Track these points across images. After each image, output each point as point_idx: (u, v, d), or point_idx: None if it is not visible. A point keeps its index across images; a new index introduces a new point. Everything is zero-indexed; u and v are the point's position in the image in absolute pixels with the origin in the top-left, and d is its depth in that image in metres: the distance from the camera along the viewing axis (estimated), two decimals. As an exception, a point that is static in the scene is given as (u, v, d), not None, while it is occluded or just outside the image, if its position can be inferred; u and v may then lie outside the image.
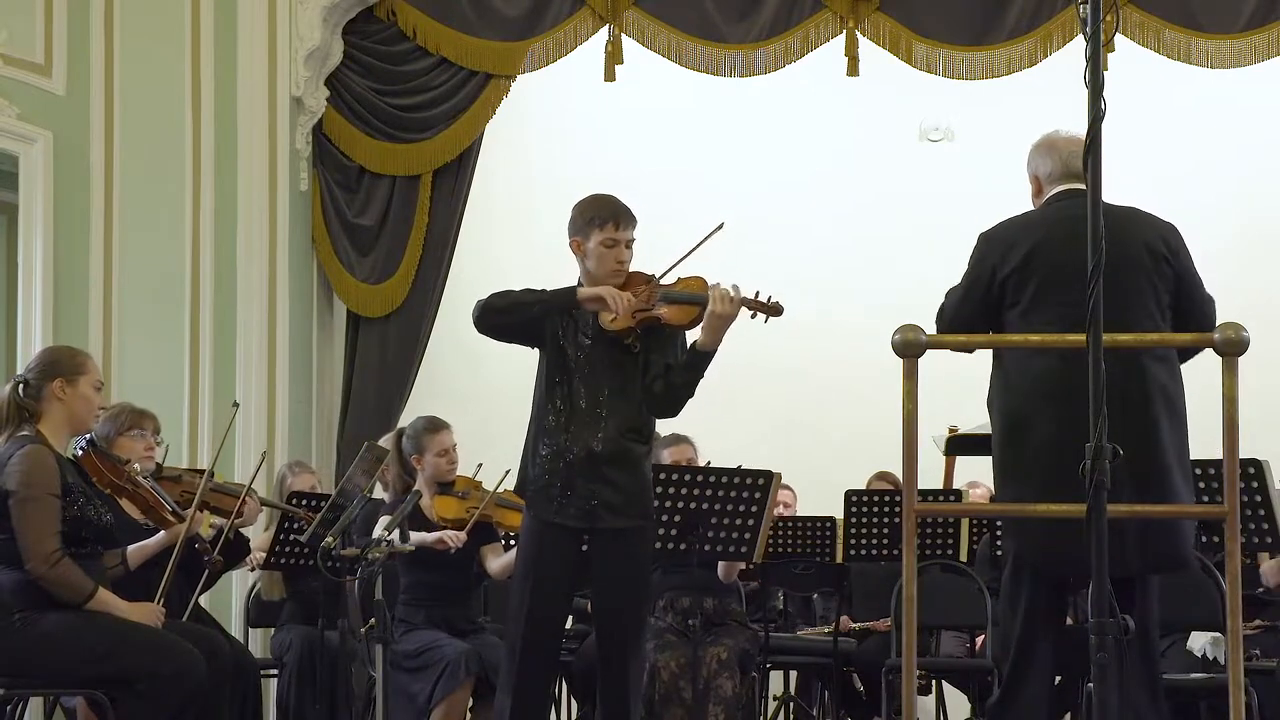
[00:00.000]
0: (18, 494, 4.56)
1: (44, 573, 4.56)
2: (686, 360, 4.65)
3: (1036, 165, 4.41)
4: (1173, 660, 5.79)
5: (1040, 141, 4.42)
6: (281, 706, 6.34)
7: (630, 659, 4.70)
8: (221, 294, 7.73)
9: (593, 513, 4.65)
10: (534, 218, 8.85)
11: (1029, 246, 4.19)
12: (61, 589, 4.61)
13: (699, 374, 4.66)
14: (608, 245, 4.69)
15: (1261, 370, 4.50)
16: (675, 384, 4.67)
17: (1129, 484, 3.87)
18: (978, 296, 4.25)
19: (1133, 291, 4.16)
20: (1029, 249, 4.19)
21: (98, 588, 4.67)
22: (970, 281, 4.29)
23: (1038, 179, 4.42)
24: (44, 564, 4.55)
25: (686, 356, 4.66)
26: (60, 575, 4.58)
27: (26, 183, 7.53)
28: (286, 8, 7.80)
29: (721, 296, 4.55)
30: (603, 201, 4.76)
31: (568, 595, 4.84)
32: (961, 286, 4.32)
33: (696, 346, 4.62)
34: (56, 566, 4.57)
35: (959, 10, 7.72)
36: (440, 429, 6.02)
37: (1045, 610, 4.21)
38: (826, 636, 6.79)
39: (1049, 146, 4.39)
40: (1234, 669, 3.11)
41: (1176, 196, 7.20)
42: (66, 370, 4.79)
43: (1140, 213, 4.32)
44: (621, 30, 7.77)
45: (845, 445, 8.30)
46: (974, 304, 4.26)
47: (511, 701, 4.67)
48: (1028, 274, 4.17)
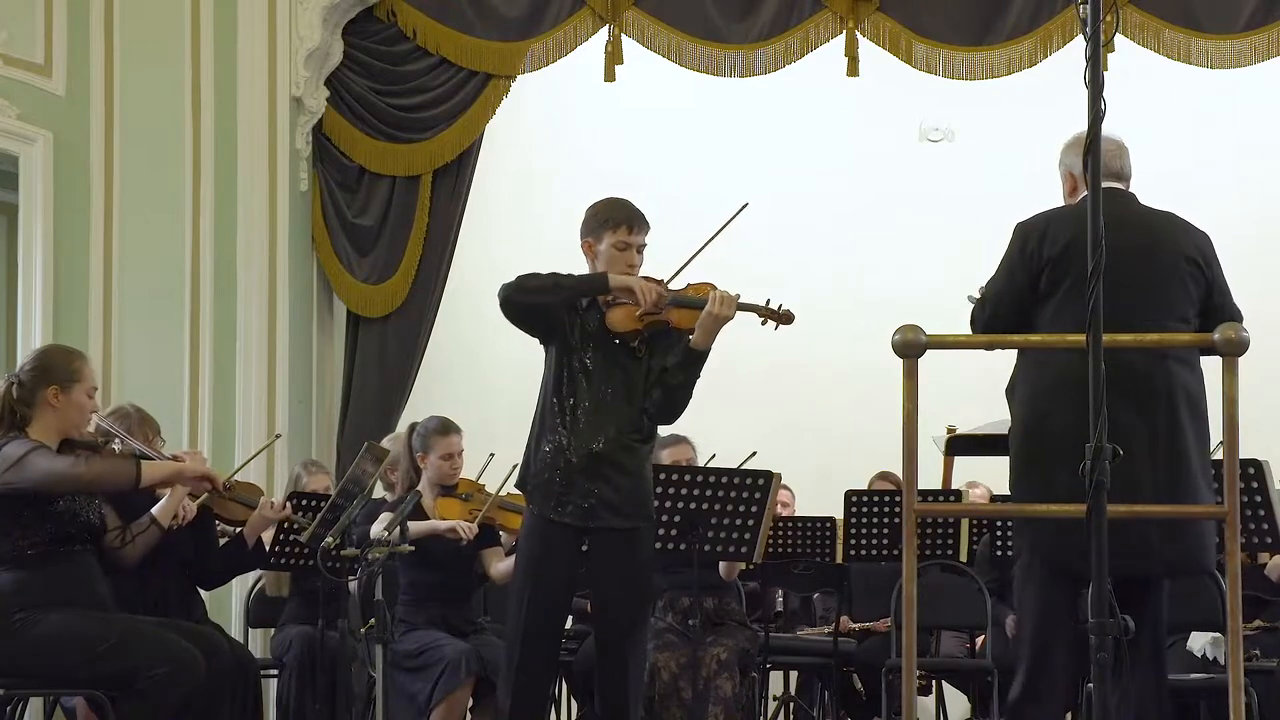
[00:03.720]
0: (13, 460, 4.55)
1: (83, 477, 4.60)
2: (679, 360, 4.65)
3: (1071, 163, 4.41)
4: (1173, 660, 5.79)
5: (1074, 139, 4.40)
6: (281, 706, 6.33)
7: (630, 660, 4.70)
8: (221, 294, 7.73)
9: (592, 512, 4.65)
10: (534, 218, 8.85)
11: (1068, 239, 4.18)
12: (109, 481, 4.66)
13: (693, 374, 4.66)
14: (619, 248, 4.69)
15: (1261, 370, 4.50)
16: (670, 385, 4.67)
17: (1148, 485, 3.88)
18: (1022, 284, 4.23)
19: (1166, 296, 4.17)
20: (1068, 241, 4.18)
21: (139, 462, 4.74)
22: (1010, 268, 4.27)
23: (1072, 176, 4.42)
24: (76, 474, 4.59)
25: (679, 356, 4.65)
26: (97, 470, 4.62)
27: (26, 183, 7.52)
28: (286, 8, 7.79)
29: (721, 299, 4.56)
30: (617, 204, 4.77)
31: (568, 593, 4.84)
32: (1001, 273, 4.29)
33: (689, 345, 4.63)
34: (88, 465, 4.61)
35: (959, 10, 7.72)
36: (449, 432, 6.01)
37: (1060, 603, 4.18)
38: (826, 636, 6.79)
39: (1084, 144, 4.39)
40: (1234, 669, 3.11)
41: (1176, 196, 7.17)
42: (61, 377, 4.76)
43: (1177, 218, 4.34)
44: (621, 30, 7.77)
45: (845, 445, 8.30)
46: (1019, 291, 4.23)
47: (511, 699, 4.67)
48: (1065, 266, 4.17)
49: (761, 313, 4.65)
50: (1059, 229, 4.23)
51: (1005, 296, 4.27)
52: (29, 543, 4.64)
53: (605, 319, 4.68)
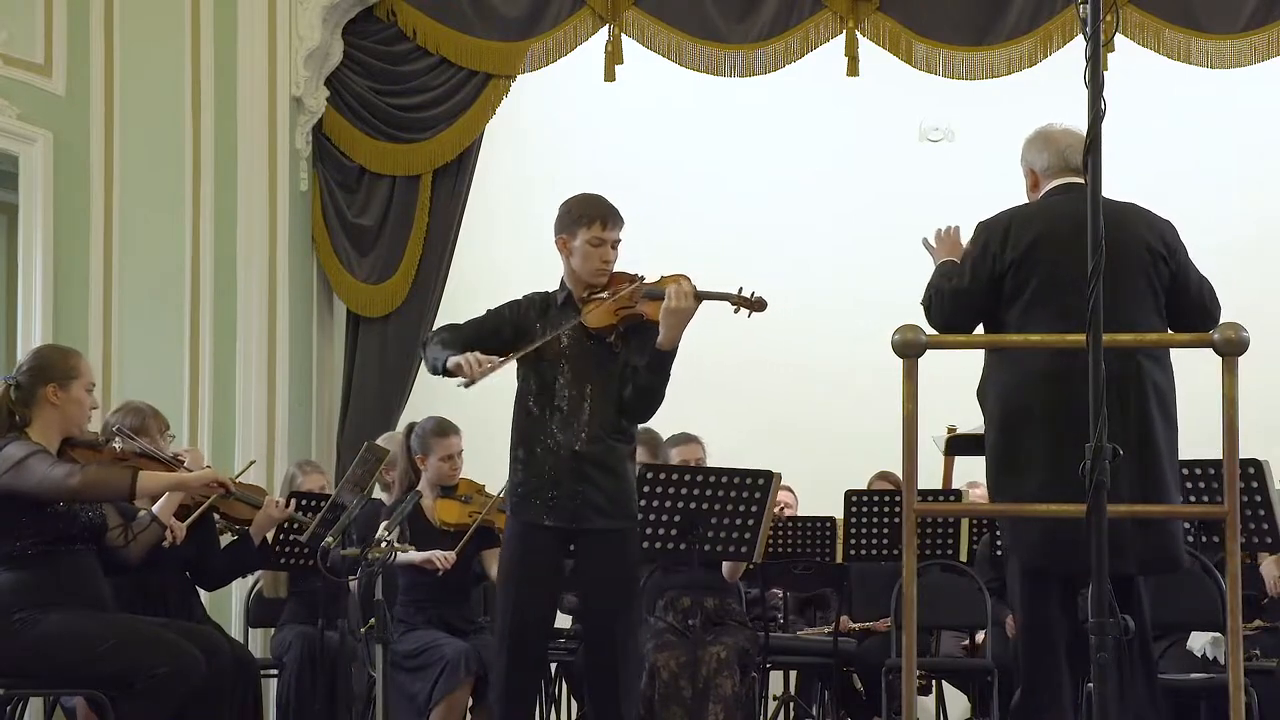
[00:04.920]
0: (13, 462, 4.54)
1: (74, 490, 4.56)
2: (648, 361, 4.63)
3: (1032, 159, 4.40)
4: (1173, 660, 5.79)
5: (1035, 135, 4.40)
6: (281, 706, 6.33)
7: (620, 662, 4.68)
8: (221, 294, 7.73)
9: (578, 514, 4.64)
10: (534, 218, 8.78)
11: (1031, 238, 4.17)
12: (101, 492, 4.62)
13: (663, 374, 4.63)
14: (594, 244, 4.68)
15: (1261, 370, 4.50)
16: (641, 386, 4.65)
17: (1125, 482, 3.87)
18: (982, 285, 4.22)
19: (1130, 288, 4.14)
20: (1031, 241, 4.17)
21: (136, 471, 4.68)
22: (973, 269, 4.25)
23: (1034, 172, 4.40)
24: (68, 487, 4.54)
25: (649, 357, 4.63)
26: (89, 482, 4.58)
27: (26, 183, 7.52)
28: (286, 8, 7.79)
29: (677, 291, 4.52)
30: (591, 200, 4.75)
31: (552, 596, 4.83)
32: (964, 273, 4.28)
33: (656, 345, 4.60)
34: (82, 475, 4.57)
35: (959, 10, 7.72)
36: (448, 433, 6.00)
37: (1051, 603, 4.18)
38: (826, 636, 6.79)
39: (1045, 139, 4.37)
40: (1234, 669, 3.11)
41: (1176, 196, 7.18)
42: (59, 374, 4.76)
43: (1138, 209, 4.31)
44: (621, 30, 7.77)
45: (845, 445, 8.30)
46: (978, 293, 4.22)
47: (502, 703, 4.70)
48: (1030, 267, 4.16)
49: (733, 300, 4.60)
50: (1021, 229, 4.21)
51: (964, 297, 4.25)
52: (29, 542, 4.63)
53: (582, 317, 4.66)
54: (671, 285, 4.55)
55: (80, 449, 4.87)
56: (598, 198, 4.77)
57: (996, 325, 4.24)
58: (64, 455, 4.79)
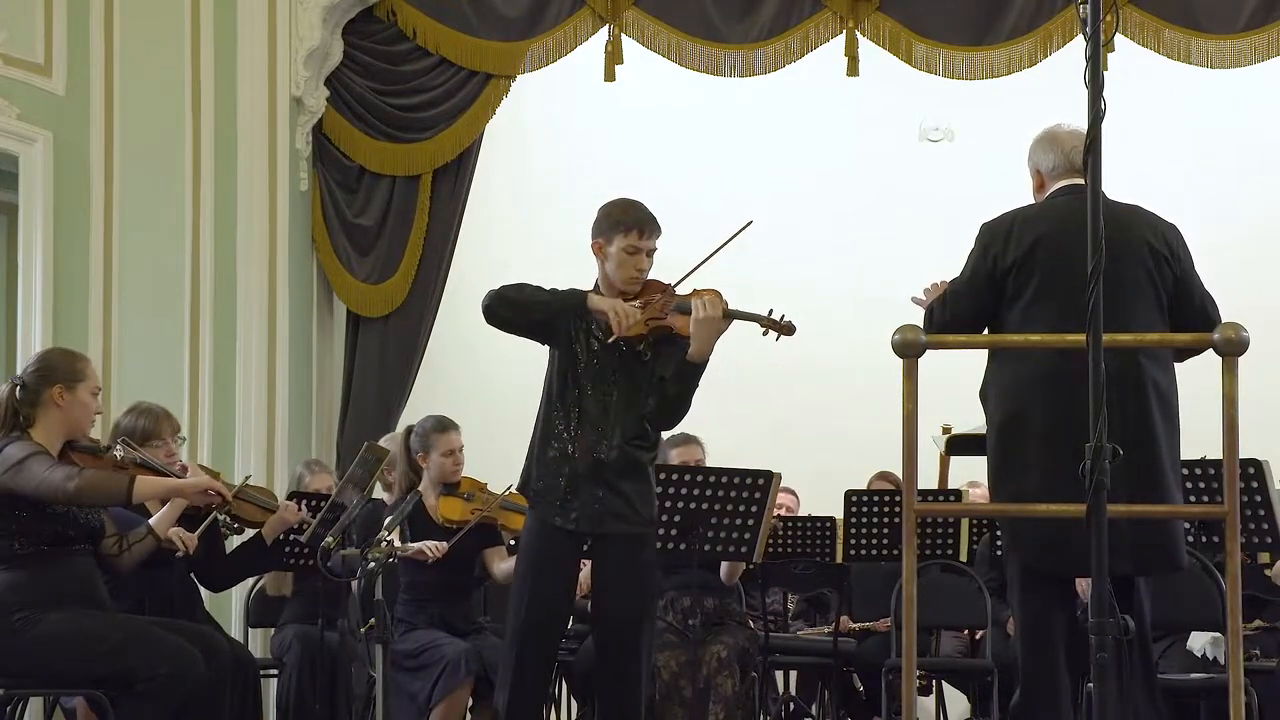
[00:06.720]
0: (12, 462, 4.54)
1: (72, 494, 4.55)
2: (676, 371, 4.62)
3: (1038, 159, 4.39)
4: (1173, 660, 5.79)
5: (1042, 135, 4.40)
6: (281, 706, 6.33)
7: (631, 667, 4.66)
8: (221, 294, 7.73)
9: (597, 519, 4.64)
10: (534, 218, 8.86)
11: (1033, 239, 4.17)
12: (98, 496, 4.61)
13: (690, 385, 4.63)
14: (629, 252, 4.66)
15: (1262, 370, 4.50)
16: (668, 395, 4.65)
17: (1124, 482, 3.86)
18: (981, 286, 4.22)
19: (1133, 290, 4.14)
20: (1033, 242, 4.17)
21: (133, 476, 4.68)
22: (973, 271, 4.25)
23: (1039, 173, 4.40)
24: (66, 490, 4.54)
25: (677, 367, 4.62)
26: (87, 485, 4.57)
27: (26, 183, 7.52)
28: (286, 8, 7.79)
29: (705, 302, 4.52)
30: (630, 207, 4.72)
31: (568, 596, 4.81)
32: (964, 276, 4.29)
33: (686, 357, 4.59)
34: (79, 480, 4.56)
35: (959, 10, 7.72)
36: (448, 429, 6.01)
37: (1049, 602, 4.18)
38: (826, 636, 6.79)
39: (1051, 140, 4.37)
40: (1234, 669, 3.11)
41: (1176, 196, 7.19)
42: (65, 376, 4.76)
43: (1142, 211, 4.31)
44: (621, 30, 7.77)
45: (845, 445, 8.30)
46: (977, 293, 4.22)
47: (508, 698, 4.66)
48: (1031, 267, 4.16)
49: (763, 323, 4.61)
50: (1024, 230, 4.21)
51: (964, 297, 4.26)
52: (28, 543, 4.63)
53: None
54: (697, 299, 4.55)
55: (81, 453, 4.87)
56: (636, 205, 4.73)
57: (998, 325, 4.24)
58: (64, 458, 4.79)
